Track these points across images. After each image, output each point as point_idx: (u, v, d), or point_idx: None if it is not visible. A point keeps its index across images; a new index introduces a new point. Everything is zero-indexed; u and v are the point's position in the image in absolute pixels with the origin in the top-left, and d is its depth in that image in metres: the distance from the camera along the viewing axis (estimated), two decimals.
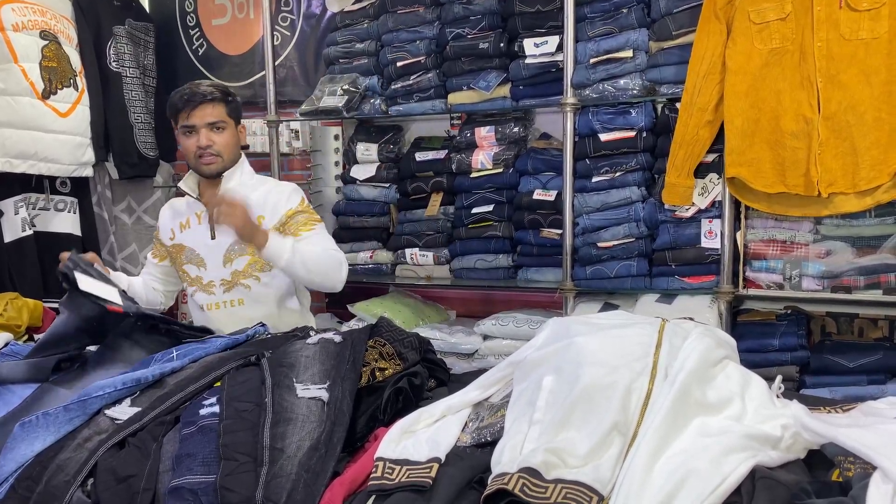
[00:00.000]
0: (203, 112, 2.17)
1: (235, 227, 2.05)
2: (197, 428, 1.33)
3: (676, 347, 1.22)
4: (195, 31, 4.01)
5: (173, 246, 2.35)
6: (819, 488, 0.92)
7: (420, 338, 1.59)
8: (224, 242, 2.26)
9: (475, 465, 1.17)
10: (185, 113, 2.18)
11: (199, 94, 2.18)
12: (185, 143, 2.22)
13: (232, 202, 2.04)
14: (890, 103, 2.17)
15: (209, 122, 2.18)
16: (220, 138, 2.21)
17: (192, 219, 2.32)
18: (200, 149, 2.18)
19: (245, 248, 2.25)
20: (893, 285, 2.32)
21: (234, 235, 2.15)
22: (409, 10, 3.01)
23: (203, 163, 2.20)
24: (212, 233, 2.27)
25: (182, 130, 2.21)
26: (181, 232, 2.33)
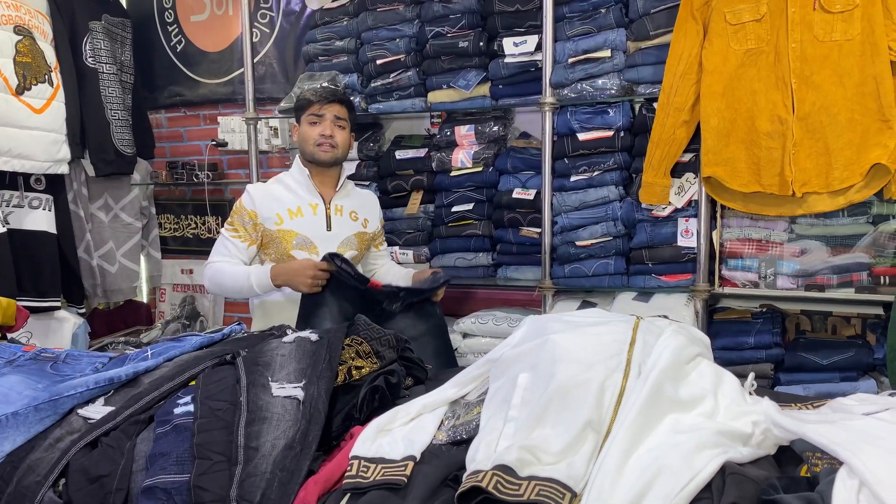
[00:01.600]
0: (333, 107, 2.43)
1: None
2: (171, 427, 1.32)
3: (650, 345, 1.24)
4: (173, 27, 3.97)
5: (279, 231, 2.41)
6: (787, 484, 0.94)
7: (398, 336, 1.59)
8: (340, 234, 2.47)
9: (450, 462, 1.17)
10: (318, 105, 2.41)
11: (335, 92, 2.47)
12: (309, 132, 2.42)
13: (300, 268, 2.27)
14: (862, 104, 2.21)
15: (337, 116, 2.43)
16: (341, 134, 2.45)
17: (305, 208, 2.45)
18: (324, 136, 2.40)
19: (355, 243, 2.50)
20: (865, 284, 2.36)
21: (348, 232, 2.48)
22: (388, 7, 3.00)
23: (323, 149, 2.41)
24: (328, 224, 2.45)
25: (309, 119, 2.43)
26: (291, 219, 2.43)
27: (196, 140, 4.02)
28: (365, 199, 2.63)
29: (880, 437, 0.92)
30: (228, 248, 2.44)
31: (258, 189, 2.49)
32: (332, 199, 2.49)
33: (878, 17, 2.18)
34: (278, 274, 2.30)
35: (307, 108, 2.43)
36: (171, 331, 3.75)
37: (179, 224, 4.09)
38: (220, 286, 2.42)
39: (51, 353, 1.71)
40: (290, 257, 2.41)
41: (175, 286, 4.10)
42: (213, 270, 2.41)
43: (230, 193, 3.92)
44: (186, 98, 3.99)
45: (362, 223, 2.55)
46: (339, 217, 2.50)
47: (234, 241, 2.44)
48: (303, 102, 2.46)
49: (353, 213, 2.53)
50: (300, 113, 2.47)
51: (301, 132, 2.47)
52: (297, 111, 2.49)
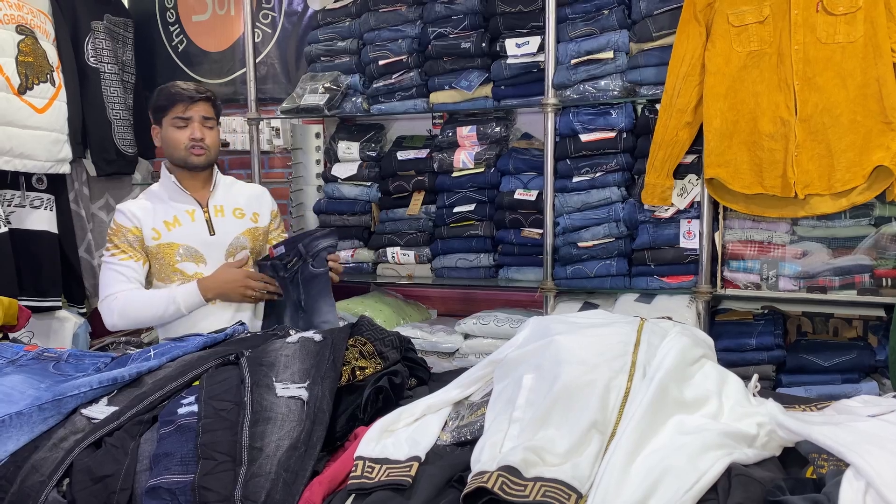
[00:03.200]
0: (199, 107, 2.28)
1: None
2: (175, 427, 1.32)
3: (654, 346, 1.24)
4: (175, 27, 3.97)
5: (159, 246, 2.28)
6: (793, 485, 0.94)
7: (401, 337, 1.59)
8: (226, 236, 2.34)
9: (455, 463, 1.17)
10: (182, 106, 2.26)
11: (196, 91, 2.30)
12: (176, 136, 2.28)
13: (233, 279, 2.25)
14: (865, 106, 2.21)
15: (204, 117, 2.29)
16: (211, 135, 2.32)
17: (182, 216, 2.31)
18: (194, 140, 2.27)
19: (246, 242, 2.38)
20: (867, 286, 2.36)
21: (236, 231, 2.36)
22: (391, 8, 3.00)
23: (194, 153, 2.28)
24: (210, 228, 2.33)
25: (174, 122, 2.28)
26: (169, 231, 2.29)
27: None
28: (251, 192, 2.48)
29: (886, 439, 0.92)
30: (124, 273, 2.25)
31: (130, 206, 2.33)
32: (208, 201, 2.35)
33: (881, 19, 2.18)
34: (208, 288, 2.22)
35: (169, 110, 2.27)
36: None
37: None
38: (134, 318, 2.25)
39: (53, 352, 1.71)
40: (177, 272, 2.29)
41: None
42: (122, 303, 2.22)
43: None
44: None
45: (251, 218, 2.42)
46: (221, 218, 2.36)
47: (125, 264, 2.26)
48: (163, 102, 2.29)
49: (237, 211, 2.40)
50: (160, 114, 2.30)
51: (165, 136, 2.30)
52: (155, 112, 2.32)
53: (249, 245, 2.39)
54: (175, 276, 2.30)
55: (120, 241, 2.28)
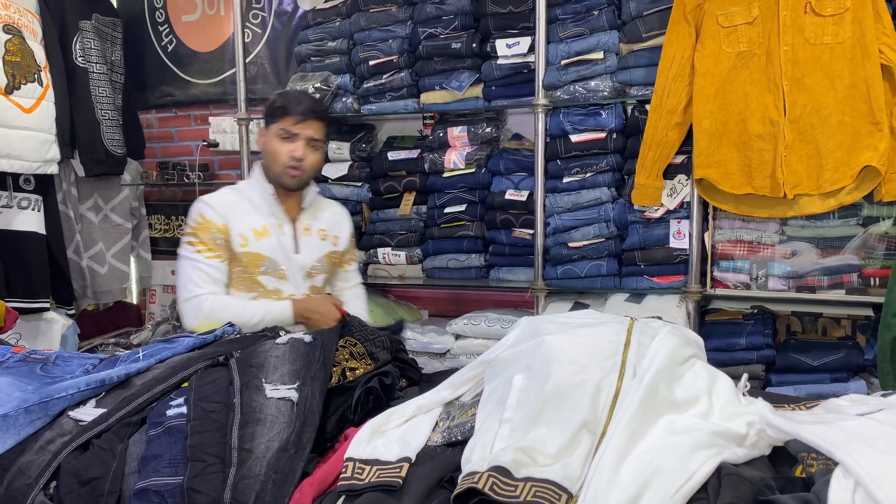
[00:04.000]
0: (310, 126, 2.17)
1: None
2: (164, 429, 1.31)
3: (645, 346, 1.24)
4: (164, 26, 3.95)
5: (245, 254, 2.16)
6: (783, 484, 0.94)
7: (391, 337, 1.59)
8: (310, 257, 2.24)
9: (446, 464, 1.17)
10: (294, 119, 2.15)
11: (311, 110, 2.18)
12: (278, 149, 2.16)
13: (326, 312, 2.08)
14: (853, 107, 2.22)
15: (312, 138, 2.19)
16: (313, 156, 2.21)
17: (272, 228, 2.19)
18: (294, 158, 2.15)
19: (326, 267, 2.29)
20: (856, 285, 2.37)
21: (318, 253, 2.26)
22: (381, 8, 3.00)
23: (290, 174, 2.17)
24: (296, 246, 2.22)
25: (280, 133, 2.17)
26: (258, 240, 2.18)
27: (187, 140, 4.00)
28: (334, 213, 2.39)
29: (875, 438, 0.93)
30: (210, 273, 2.12)
31: (219, 200, 2.19)
32: (298, 218, 2.26)
33: (869, 20, 2.19)
34: (300, 311, 2.10)
35: (280, 119, 2.17)
36: (161, 332, 3.72)
37: (170, 225, 4.07)
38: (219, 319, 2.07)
39: (41, 354, 1.69)
40: (257, 283, 2.18)
41: (165, 287, 4.08)
42: (211, 307, 2.08)
43: None
44: (177, 98, 3.98)
45: (332, 241, 2.33)
46: (308, 237, 2.26)
47: (211, 263, 2.13)
48: (277, 111, 2.19)
49: (322, 232, 2.31)
50: (271, 120, 2.20)
51: (268, 144, 2.20)
52: (268, 116, 2.23)
53: (327, 270, 2.29)
54: (254, 288, 2.18)
55: (206, 237, 2.13)
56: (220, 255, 2.15)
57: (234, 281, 2.17)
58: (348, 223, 2.41)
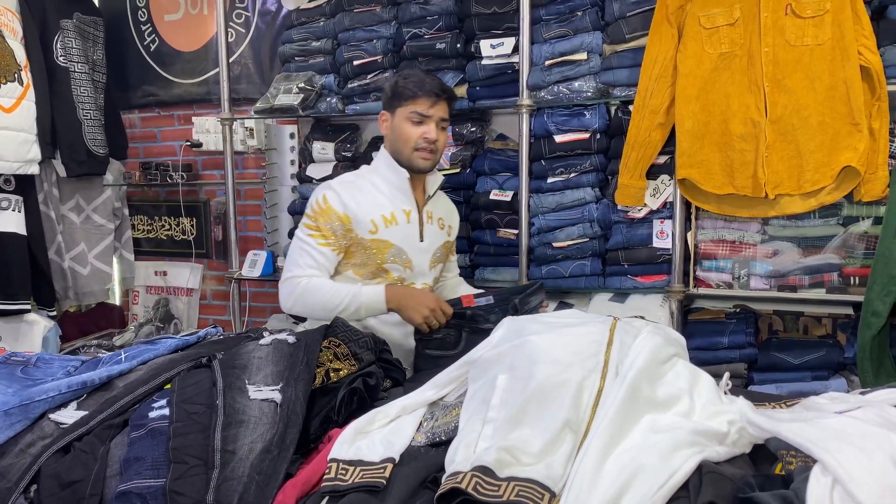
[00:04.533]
0: (441, 106, 2.09)
1: None
2: (146, 431, 1.31)
3: (627, 345, 1.25)
4: (147, 26, 3.92)
5: (374, 241, 2.07)
6: (762, 481, 0.95)
7: (375, 338, 1.59)
8: (433, 245, 2.17)
9: (429, 464, 1.17)
10: (427, 102, 2.06)
11: (446, 90, 2.11)
12: (410, 131, 2.07)
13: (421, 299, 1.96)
14: (833, 108, 2.24)
15: (442, 118, 2.10)
16: (443, 137, 2.14)
17: (399, 215, 2.11)
18: (427, 140, 2.07)
19: (443, 256, 2.24)
20: (836, 284, 2.40)
21: (438, 242, 2.19)
22: (365, 8, 2.99)
23: (422, 156, 2.08)
24: (421, 234, 2.15)
25: (411, 116, 2.07)
26: (386, 227, 2.09)
27: (170, 140, 3.97)
28: (446, 202, 2.34)
29: (853, 435, 0.94)
30: (317, 259, 2.04)
31: (346, 187, 2.10)
32: (424, 205, 2.18)
33: (848, 22, 2.22)
34: (393, 297, 1.99)
35: (409, 102, 2.07)
36: (144, 334, 3.71)
37: (153, 225, 4.04)
38: (311, 306, 2.03)
39: (21, 356, 1.68)
40: (383, 271, 2.10)
41: (149, 288, 4.05)
42: (304, 288, 2.01)
43: (205, 194, 3.88)
44: (160, 98, 3.95)
45: (447, 231, 2.27)
46: (430, 225, 2.19)
47: (322, 250, 2.04)
48: (404, 92, 2.08)
49: (440, 221, 2.24)
50: (397, 102, 2.09)
51: (397, 128, 2.10)
52: (392, 99, 2.11)
53: (442, 258, 2.23)
54: (380, 275, 2.11)
55: (323, 222, 2.06)
56: (332, 243, 2.06)
57: (360, 268, 2.10)
58: (456, 214, 2.36)
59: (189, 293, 3.96)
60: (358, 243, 2.07)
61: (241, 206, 3.68)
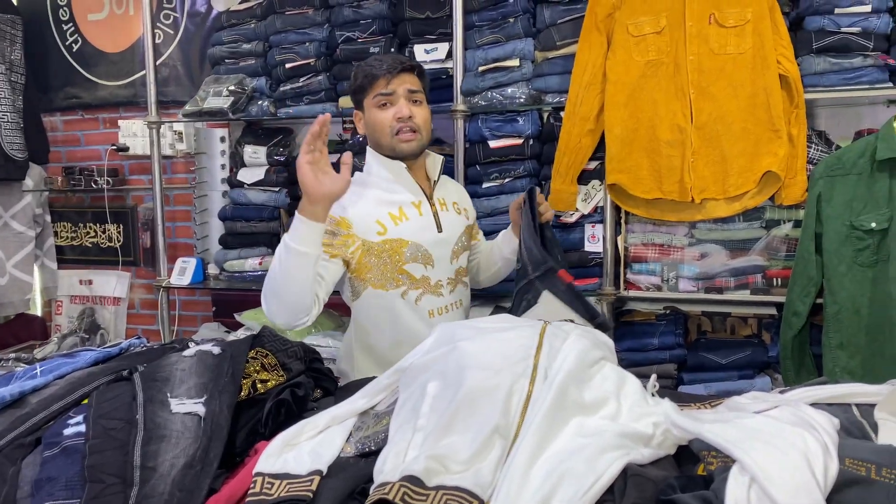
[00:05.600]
0: (402, 79, 1.88)
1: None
2: (60, 449, 1.24)
3: (556, 349, 1.25)
4: (69, 25, 3.78)
5: (385, 242, 1.89)
6: (685, 483, 0.96)
7: (305, 347, 1.55)
8: (454, 234, 1.99)
9: (358, 475, 1.15)
10: (384, 81, 1.86)
11: (402, 60, 1.91)
12: (380, 117, 1.89)
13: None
14: (754, 115, 2.32)
15: (410, 90, 1.89)
16: (420, 111, 1.91)
17: (408, 209, 1.93)
18: (401, 120, 1.87)
19: (467, 242, 2.05)
20: (760, 286, 2.48)
21: (459, 229, 1.98)
22: (297, 11, 2.95)
23: (402, 139, 1.88)
24: (438, 224, 1.96)
25: (375, 101, 1.89)
26: (396, 225, 1.91)
27: (95, 144, 3.84)
28: (455, 185, 2.18)
29: (769, 435, 0.96)
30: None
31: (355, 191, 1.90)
32: (433, 193, 2.01)
33: (768, 32, 2.30)
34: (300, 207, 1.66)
35: (369, 89, 1.89)
36: (68, 345, 3.56)
37: (77, 232, 3.89)
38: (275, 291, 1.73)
39: None
40: (403, 273, 1.92)
41: (73, 298, 3.89)
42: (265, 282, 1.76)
43: (132, 200, 3.76)
44: (84, 100, 3.81)
45: (465, 215, 2.09)
46: (446, 213, 2.00)
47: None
48: (362, 82, 1.90)
49: (455, 205, 2.06)
50: (360, 96, 1.92)
51: (369, 120, 1.92)
52: (355, 95, 1.95)
53: (466, 244, 2.05)
54: (401, 279, 1.92)
55: None
56: (329, 249, 1.84)
57: (378, 279, 1.91)
58: (466, 193, 2.20)
59: (116, 302, 3.82)
60: (367, 251, 1.89)
61: (169, 212, 3.58)
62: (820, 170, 2.27)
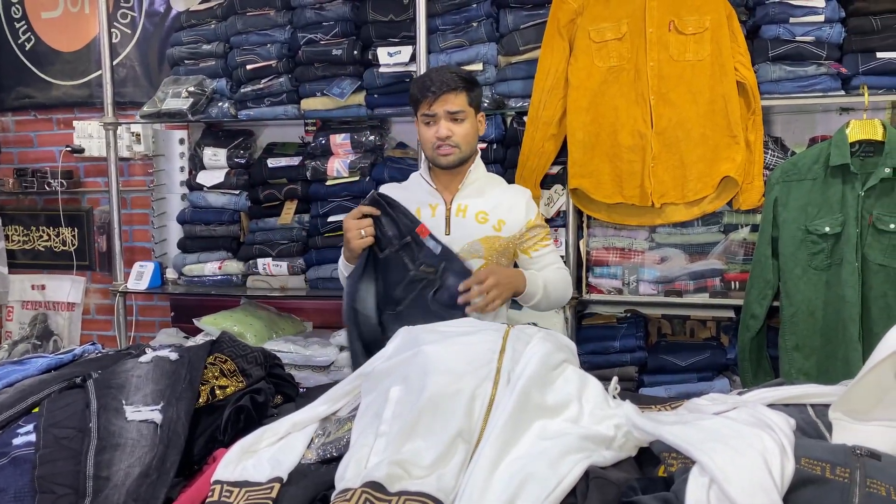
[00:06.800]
0: (444, 100, 2.05)
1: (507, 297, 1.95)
2: (9, 460, 1.20)
3: (519, 352, 1.25)
4: (21, 23, 3.68)
5: None
6: (646, 484, 0.97)
7: (266, 352, 1.53)
8: (460, 239, 2.10)
9: (319, 482, 1.13)
10: (427, 102, 2.06)
11: (442, 84, 2.06)
12: (424, 134, 2.10)
13: (486, 286, 1.87)
14: (713, 121, 2.36)
15: (449, 112, 2.06)
16: (459, 129, 2.08)
17: (424, 210, 2.11)
18: (440, 140, 2.06)
19: (481, 250, 2.11)
20: (718, 289, 2.52)
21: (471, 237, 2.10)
22: (259, 12, 2.92)
23: (441, 153, 2.07)
24: (447, 227, 2.10)
25: (422, 119, 2.09)
26: None
27: (48, 146, 3.73)
28: (506, 198, 2.19)
29: (728, 436, 0.97)
30: None
31: (390, 188, 2.19)
32: (454, 198, 2.14)
33: (725, 40, 2.34)
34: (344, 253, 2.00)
35: (418, 106, 2.11)
36: (19, 352, 3.46)
37: (30, 236, 3.78)
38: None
39: None
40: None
41: (24, 303, 3.78)
42: None
43: (87, 203, 3.67)
44: (37, 100, 3.70)
45: (493, 226, 2.14)
46: (461, 218, 2.13)
47: None
48: (413, 98, 2.13)
49: (480, 214, 2.14)
50: (414, 108, 2.14)
51: (419, 132, 2.16)
52: (412, 105, 2.16)
53: (484, 255, 2.12)
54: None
55: None
56: None
57: None
58: (524, 209, 2.18)
59: (70, 308, 3.72)
60: None
61: (126, 215, 3.50)
62: (776, 175, 2.32)
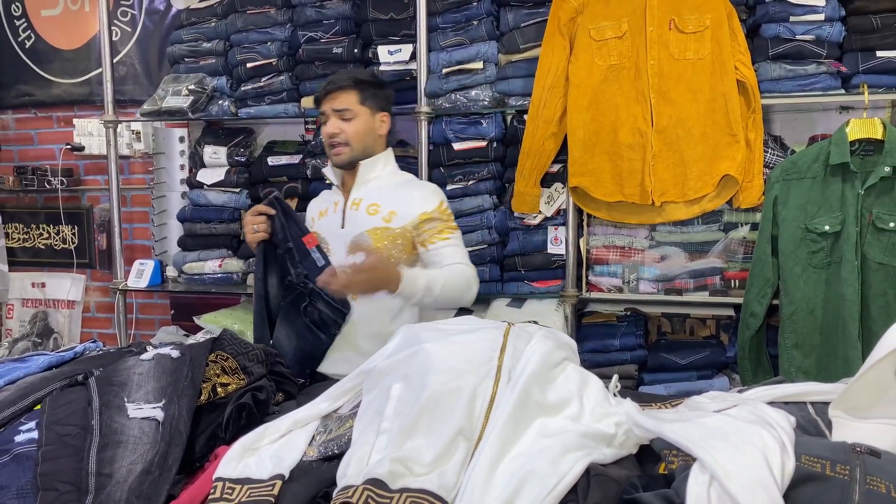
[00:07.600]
0: (331, 99, 2.13)
1: (370, 291, 1.95)
2: (11, 457, 1.20)
3: (520, 350, 1.25)
4: (21, 21, 3.68)
5: (314, 232, 2.19)
6: (647, 482, 0.98)
7: (267, 350, 1.53)
8: (352, 232, 2.14)
9: (321, 479, 1.14)
10: (320, 104, 2.16)
11: (331, 83, 2.15)
12: (322, 132, 2.19)
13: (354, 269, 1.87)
14: (713, 119, 2.36)
15: (336, 109, 2.12)
16: (348, 127, 2.12)
17: (330, 207, 2.22)
18: (329, 136, 2.14)
19: (368, 241, 2.12)
20: (718, 287, 2.52)
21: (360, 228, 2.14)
22: (259, 10, 2.92)
23: (333, 152, 2.15)
24: (342, 221, 2.17)
25: (321, 118, 2.19)
26: (319, 219, 2.23)
27: (48, 143, 3.74)
28: (402, 191, 2.17)
29: (728, 433, 0.98)
30: None
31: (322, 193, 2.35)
32: (350, 193, 2.17)
33: (726, 38, 2.35)
34: None
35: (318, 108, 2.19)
36: (19, 350, 3.46)
37: (30, 234, 3.79)
38: None
39: None
40: None
41: (25, 301, 3.79)
42: None
43: (87, 201, 3.67)
44: (37, 98, 3.71)
45: (384, 217, 2.11)
46: (354, 212, 2.15)
47: None
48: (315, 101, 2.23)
49: (372, 207, 2.14)
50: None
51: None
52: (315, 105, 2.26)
53: (372, 246, 2.09)
54: None
55: None
56: None
57: None
58: (421, 202, 2.13)
59: (70, 305, 3.72)
60: None
61: (126, 213, 3.50)
62: (776, 174, 2.32)
